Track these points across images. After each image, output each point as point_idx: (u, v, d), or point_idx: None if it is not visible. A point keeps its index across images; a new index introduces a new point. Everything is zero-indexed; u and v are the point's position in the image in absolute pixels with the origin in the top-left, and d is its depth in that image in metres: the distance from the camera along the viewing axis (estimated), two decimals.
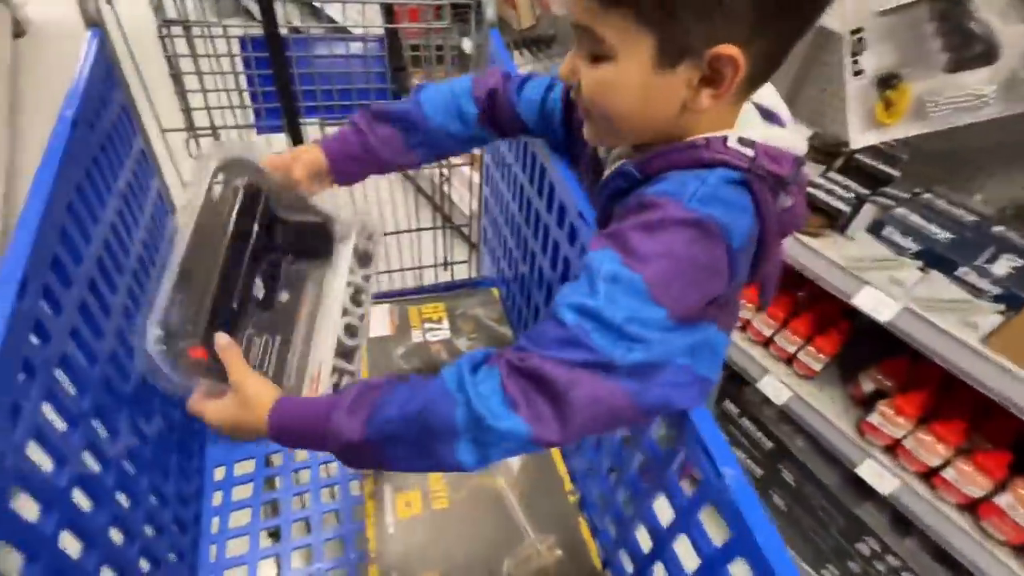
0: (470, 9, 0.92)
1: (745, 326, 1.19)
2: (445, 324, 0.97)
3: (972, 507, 0.91)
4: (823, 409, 1.04)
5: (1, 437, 0.38)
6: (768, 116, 0.49)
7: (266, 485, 0.81)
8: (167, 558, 0.63)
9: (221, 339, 0.52)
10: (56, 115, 0.58)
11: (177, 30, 0.82)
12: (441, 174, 1.17)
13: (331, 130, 0.96)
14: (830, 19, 0.96)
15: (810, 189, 1.05)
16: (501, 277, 1.06)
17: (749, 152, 0.42)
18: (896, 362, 1.03)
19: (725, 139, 0.43)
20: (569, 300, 0.40)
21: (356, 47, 0.92)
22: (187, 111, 0.86)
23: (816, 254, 0.96)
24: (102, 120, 0.69)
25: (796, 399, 1.08)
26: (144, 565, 0.57)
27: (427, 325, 0.96)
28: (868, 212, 0.97)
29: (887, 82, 0.87)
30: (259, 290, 0.59)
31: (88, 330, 0.54)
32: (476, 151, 1.12)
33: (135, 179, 0.77)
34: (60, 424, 0.47)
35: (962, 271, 0.83)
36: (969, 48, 0.78)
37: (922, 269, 0.87)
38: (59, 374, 0.48)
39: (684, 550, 0.48)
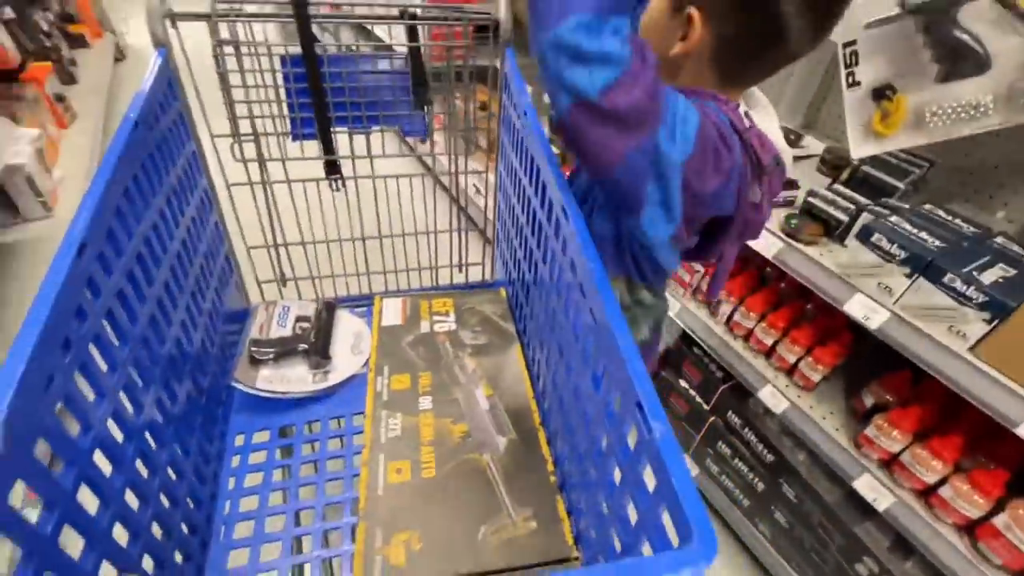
0: (489, 30, 1.01)
1: (748, 336, 1.21)
2: (452, 317, 1.04)
3: (970, 528, 0.89)
4: (820, 421, 1.04)
5: (55, 364, 0.47)
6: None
7: (280, 453, 0.89)
8: (186, 504, 0.72)
9: None
10: None
11: (228, 49, 0.94)
12: (461, 176, 1.25)
13: (359, 139, 1.07)
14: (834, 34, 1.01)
15: (812, 199, 1.07)
16: (508, 278, 1.13)
17: (747, 122, 0.55)
18: (898, 377, 1.03)
19: (739, 104, 0.56)
20: None
21: (383, 64, 1.02)
22: (233, 119, 0.98)
23: (811, 261, 0.99)
24: (160, 124, 0.81)
25: (794, 409, 1.08)
26: (164, 502, 0.66)
27: (435, 317, 1.04)
28: (863, 221, 0.99)
29: (882, 93, 0.90)
30: None
31: (134, 293, 0.64)
32: (487, 162, 1.20)
33: (185, 176, 0.88)
34: (104, 369, 0.57)
35: (948, 278, 0.83)
36: (958, 59, 0.80)
37: (908, 276, 0.88)
38: (106, 328, 0.58)
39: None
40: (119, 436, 0.58)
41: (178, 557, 0.68)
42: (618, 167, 0.56)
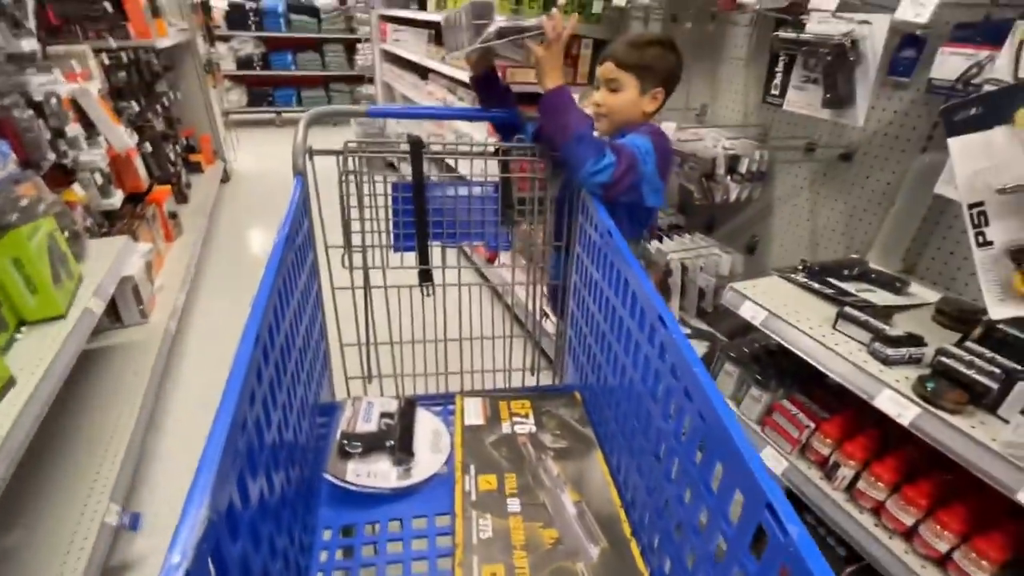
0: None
1: (878, 510, 1.10)
2: (531, 419, 1.08)
3: None
4: None
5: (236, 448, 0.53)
6: None
7: (365, 550, 0.89)
8: None
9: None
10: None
11: (350, 177, 1.11)
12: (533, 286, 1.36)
13: (451, 251, 1.21)
14: (944, 187, 1.05)
15: (947, 360, 1.02)
16: (584, 383, 1.17)
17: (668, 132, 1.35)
18: None
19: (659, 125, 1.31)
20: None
21: (476, 190, 1.18)
22: (347, 231, 1.13)
23: (962, 435, 0.90)
24: (298, 238, 0.95)
25: None
26: None
27: (515, 419, 1.08)
28: (1022, 392, 0.92)
29: (1022, 256, 0.84)
30: None
31: (271, 401, 0.71)
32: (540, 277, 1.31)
33: (307, 283, 1.01)
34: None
35: None
36: None
37: None
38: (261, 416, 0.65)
39: None
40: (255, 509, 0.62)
41: None
42: (629, 190, 1.15)
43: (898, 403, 1.03)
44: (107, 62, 2.74)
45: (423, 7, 3.95)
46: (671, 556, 0.73)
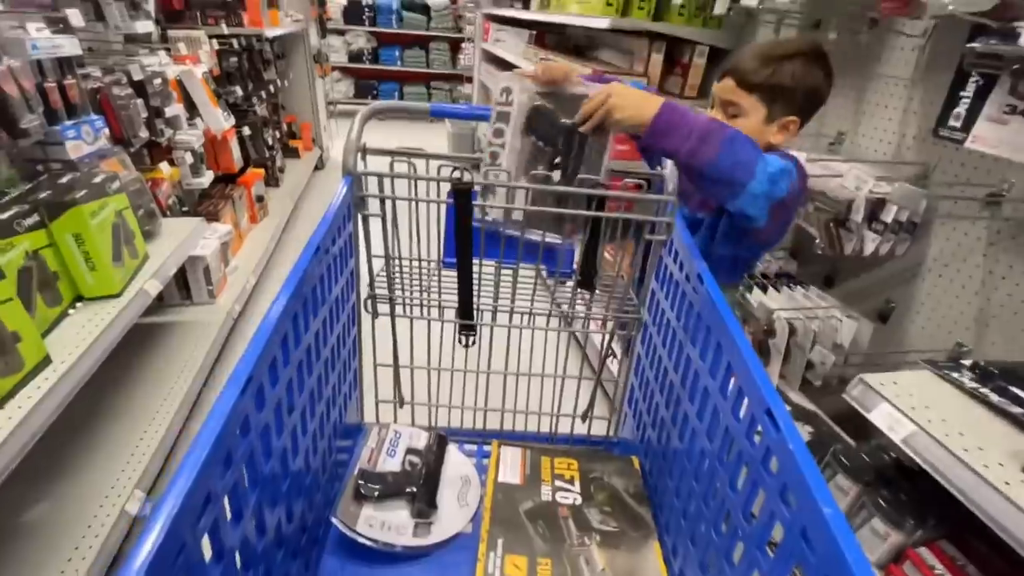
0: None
1: None
2: (576, 486, 0.90)
3: None
4: None
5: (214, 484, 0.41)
6: None
7: None
8: None
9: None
10: (317, 221, 0.74)
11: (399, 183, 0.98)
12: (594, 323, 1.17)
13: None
14: None
15: None
16: (645, 446, 0.98)
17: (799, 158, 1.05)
18: None
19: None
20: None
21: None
22: (387, 239, 0.99)
23: None
24: (335, 246, 0.84)
25: None
26: None
27: (557, 482, 0.90)
28: None
29: None
30: None
31: (275, 427, 0.59)
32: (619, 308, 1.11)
33: (342, 293, 0.90)
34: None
35: None
36: None
37: None
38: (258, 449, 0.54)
39: None
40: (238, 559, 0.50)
41: None
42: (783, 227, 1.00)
43: None
44: (218, 47, 2.88)
45: (527, 6, 3.86)
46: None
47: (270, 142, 3.70)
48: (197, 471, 0.38)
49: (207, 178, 2.34)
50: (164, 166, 1.97)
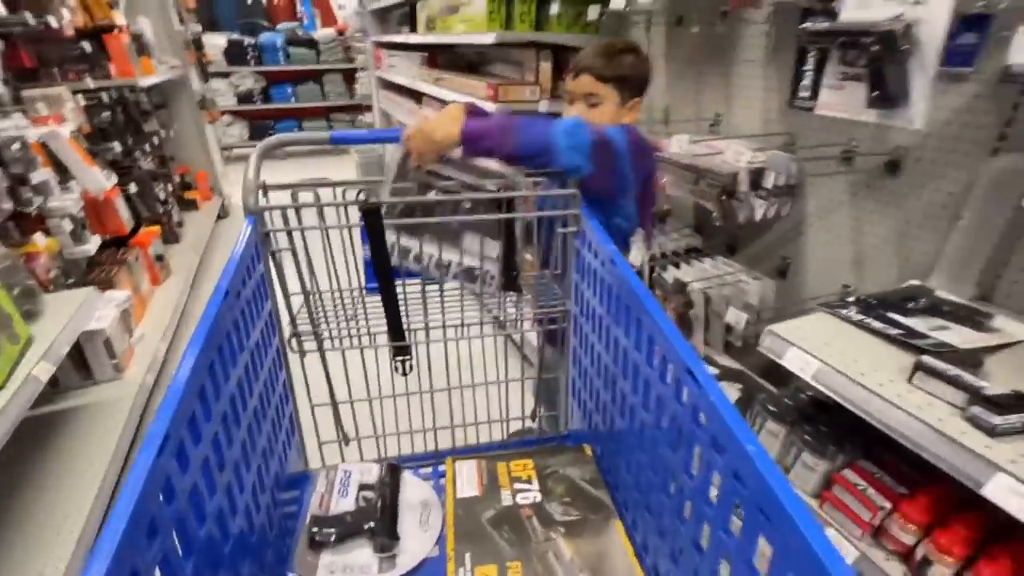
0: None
1: None
2: (535, 484, 0.91)
3: None
4: None
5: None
6: None
7: None
8: None
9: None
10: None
11: (304, 215, 0.95)
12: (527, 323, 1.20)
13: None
14: None
15: None
16: (594, 434, 1.01)
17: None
18: None
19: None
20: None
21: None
22: (303, 276, 0.96)
23: None
24: (246, 288, 0.80)
25: None
26: None
27: (516, 485, 0.91)
28: None
29: None
30: None
31: (205, 487, 0.56)
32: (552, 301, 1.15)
33: (262, 337, 0.86)
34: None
35: None
36: None
37: None
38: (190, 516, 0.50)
39: None
40: None
41: None
42: (611, 176, 1.08)
43: (1019, 493, 0.77)
44: (84, 103, 2.65)
45: (414, 30, 3.89)
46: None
47: (162, 196, 3.45)
48: (116, 546, 0.35)
49: (93, 244, 2.14)
50: (39, 237, 1.78)
